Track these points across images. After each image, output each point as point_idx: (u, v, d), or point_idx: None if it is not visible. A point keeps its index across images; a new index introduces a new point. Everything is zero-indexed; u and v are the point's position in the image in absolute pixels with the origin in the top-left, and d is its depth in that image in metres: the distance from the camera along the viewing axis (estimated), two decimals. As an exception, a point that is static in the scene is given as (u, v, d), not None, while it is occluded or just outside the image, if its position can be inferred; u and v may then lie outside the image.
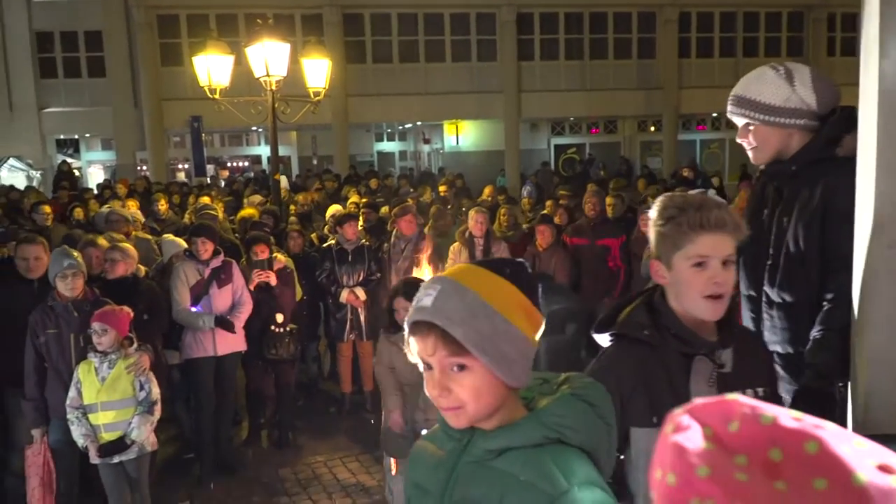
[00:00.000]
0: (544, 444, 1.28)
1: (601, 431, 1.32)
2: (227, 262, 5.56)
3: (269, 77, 8.70)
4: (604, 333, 1.90)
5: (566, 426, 1.28)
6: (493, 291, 1.32)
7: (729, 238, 1.73)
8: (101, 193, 13.28)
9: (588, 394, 1.34)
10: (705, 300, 1.73)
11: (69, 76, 22.36)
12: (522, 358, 1.32)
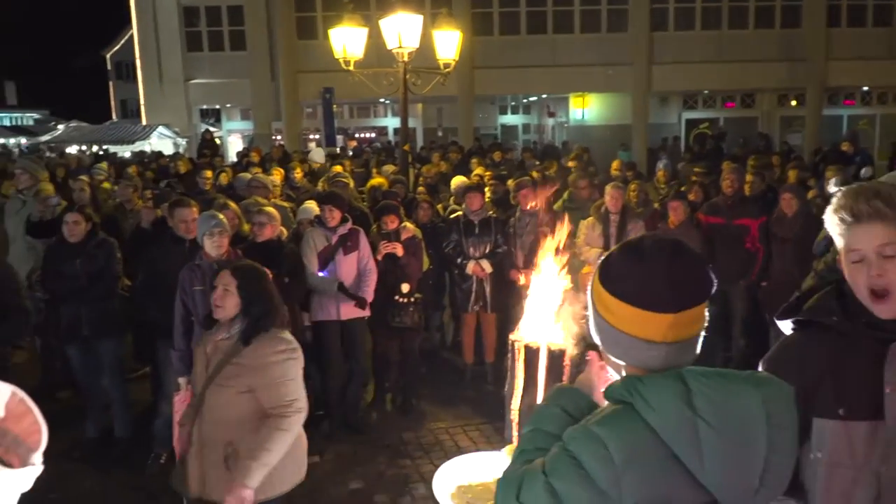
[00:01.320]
0: (621, 401, 1.44)
1: (683, 418, 1.41)
2: (354, 229, 5.72)
3: (402, 49, 8.82)
4: (786, 320, 1.78)
5: (640, 395, 1.42)
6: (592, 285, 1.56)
7: (886, 227, 1.57)
8: (240, 161, 13.96)
9: (694, 381, 1.42)
10: (871, 298, 1.59)
11: (213, 49, 23.56)
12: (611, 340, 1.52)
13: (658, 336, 1.43)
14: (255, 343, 3.23)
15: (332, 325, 5.63)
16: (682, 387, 1.38)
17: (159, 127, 22.82)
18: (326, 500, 4.94)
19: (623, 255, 1.50)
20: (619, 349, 1.50)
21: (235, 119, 26.64)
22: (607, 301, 1.48)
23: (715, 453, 1.35)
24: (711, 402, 1.36)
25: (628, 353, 1.49)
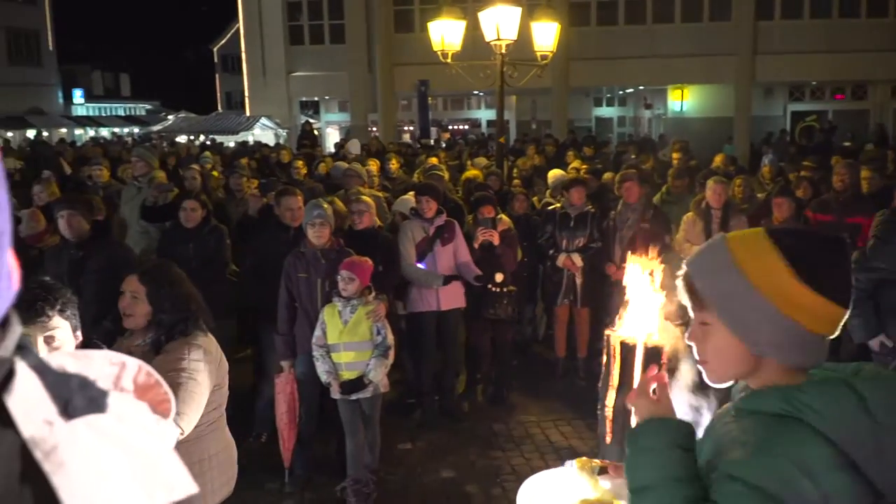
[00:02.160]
0: (783, 415, 1.31)
1: (861, 426, 1.27)
2: (449, 221, 5.78)
3: (500, 41, 8.81)
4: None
5: (809, 407, 1.29)
6: (751, 258, 1.36)
7: None
8: (338, 152, 14.30)
9: (863, 386, 1.31)
10: None
11: (314, 42, 24.21)
12: (771, 329, 1.34)
13: (833, 332, 1.38)
14: (167, 350, 2.93)
15: (429, 316, 5.72)
16: (854, 393, 1.29)
17: (262, 118, 23.64)
18: (418, 487, 5.04)
19: (825, 249, 1.38)
20: (802, 354, 1.38)
21: (333, 111, 27.30)
22: (809, 302, 1.33)
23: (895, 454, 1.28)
24: (886, 406, 1.29)
25: (810, 355, 1.38)
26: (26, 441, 0.62)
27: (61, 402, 0.66)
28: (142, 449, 0.67)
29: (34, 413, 0.64)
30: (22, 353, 0.68)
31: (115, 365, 0.76)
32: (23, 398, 0.64)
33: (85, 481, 0.62)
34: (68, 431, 0.64)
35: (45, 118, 30.99)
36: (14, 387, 0.65)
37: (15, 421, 0.63)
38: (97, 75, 43.09)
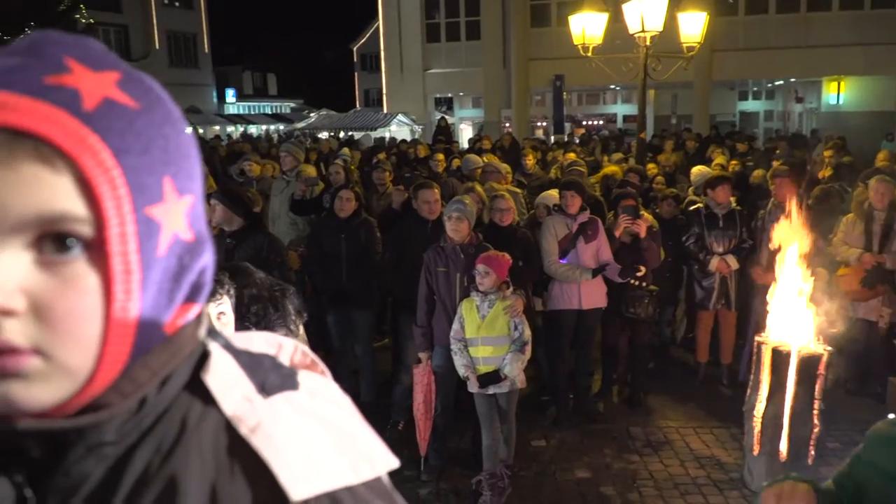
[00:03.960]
0: None
1: None
2: (593, 218, 5.66)
3: (644, 33, 8.55)
4: None
5: None
6: None
7: None
8: (472, 148, 14.39)
9: None
10: None
11: (450, 39, 24.50)
12: None
13: None
14: None
15: (569, 314, 5.63)
16: None
17: (398, 114, 24.20)
18: (552, 485, 4.98)
19: None
20: None
21: (467, 107, 27.52)
22: None
23: None
24: None
25: None
26: (230, 418, 0.65)
27: (258, 380, 0.68)
28: (339, 423, 0.68)
29: (234, 391, 0.66)
30: (212, 334, 0.71)
31: (272, 345, 0.77)
32: (221, 377, 0.67)
33: (294, 455, 0.63)
34: (268, 408, 0.65)
35: (201, 116, 33.17)
36: (211, 367, 0.67)
37: (216, 399, 0.65)
38: (247, 75, 45.74)
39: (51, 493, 0.60)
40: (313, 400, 0.68)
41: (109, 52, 0.63)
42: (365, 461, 0.66)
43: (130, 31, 32.55)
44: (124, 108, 0.58)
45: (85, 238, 0.56)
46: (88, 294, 0.57)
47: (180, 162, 0.62)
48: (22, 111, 0.54)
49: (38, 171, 0.55)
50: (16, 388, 0.56)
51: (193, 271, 0.65)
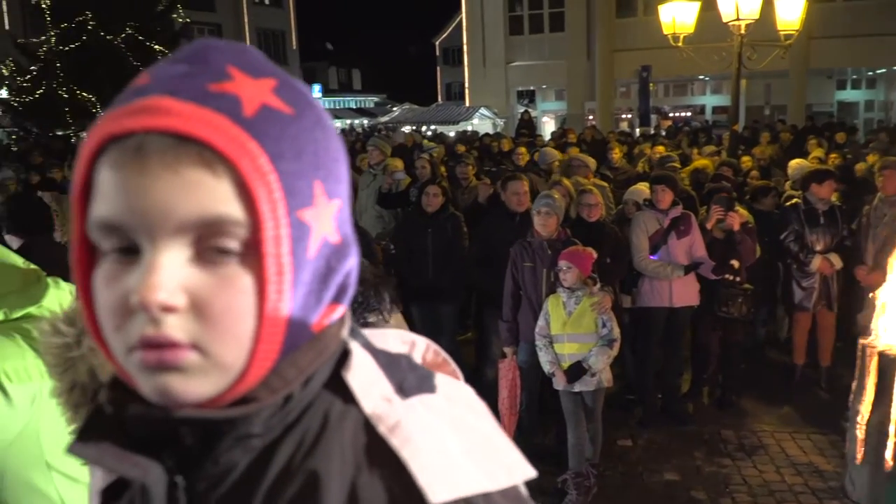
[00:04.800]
0: None
1: None
2: (686, 213, 5.49)
3: (739, 20, 8.23)
4: None
5: None
6: None
7: None
8: (557, 141, 14.24)
9: None
10: None
11: (533, 32, 24.34)
12: None
13: None
14: None
15: (659, 311, 5.49)
16: None
17: (481, 108, 24.20)
18: (640, 486, 4.87)
19: None
20: None
21: (550, 100, 27.28)
22: None
23: None
24: None
25: None
26: (368, 416, 0.66)
27: (396, 380, 0.68)
28: (475, 429, 0.68)
29: (373, 390, 0.67)
30: (353, 332, 0.72)
31: (406, 343, 0.78)
32: (361, 376, 0.68)
33: (432, 457, 0.63)
34: (406, 409, 0.66)
35: (289, 111, 34.07)
36: (352, 365, 0.68)
37: (356, 397, 0.67)
38: (333, 71, 46.71)
39: (199, 480, 0.64)
40: (450, 404, 0.69)
41: (267, 60, 0.65)
42: (502, 469, 0.66)
43: (223, 30, 33.71)
44: (280, 113, 0.61)
45: (242, 239, 0.59)
46: (244, 293, 0.59)
47: (329, 166, 0.64)
48: (187, 117, 0.57)
49: (201, 175, 0.57)
50: (175, 380, 0.59)
51: (340, 273, 0.67)
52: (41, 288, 1.79)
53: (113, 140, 0.58)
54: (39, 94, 18.17)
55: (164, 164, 0.56)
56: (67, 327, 1.14)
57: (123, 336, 0.59)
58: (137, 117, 0.57)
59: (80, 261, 0.63)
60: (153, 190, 0.57)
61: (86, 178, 0.61)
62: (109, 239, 0.60)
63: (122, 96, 0.61)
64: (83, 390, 1.21)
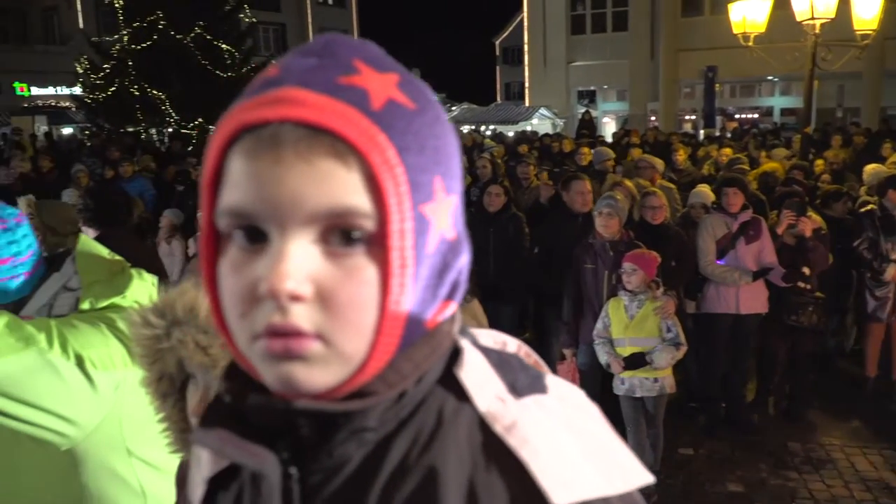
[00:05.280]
0: None
1: None
2: (756, 218, 5.35)
3: (814, 20, 7.97)
4: None
5: None
6: None
7: None
8: (619, 142, 14.05)
9: None
10: None
11: (595, 31, 24.07)
12: None
13: None
14: None
15: (725, 318, 5.36)
16: None
17: (541, 108, 24.07)
18: (702, 496, 4.76)
19: None
20: None
21: (610, 100, 26.93)
22: None
23: None
24: None
25: None
26: (483, 415, 0.65)
27: (508, 380, 0.68)
28: (590, 431, 0.67)
29: (486, 389, 0.67)
30: (461, 331, 0.71)
31: (497, 343, 0.77)
32: (474, 374, 0.68)
33: (551, 459, 0.62)
34: (521, 409, 0.65)
35: (350, 110, 34.55)
36: (464, 363, 0.68)
37: (470, 395, 0.66)
38: (392, 70, 47.06)
39: (313, 472, 0.65)
40: (563, 405, 0.68)
41: (387, 55, 0.66)
42: (619, 473, 0.65)
43: (287, 29, 34.33)
44: (404, 108, 0.61)
45: (367, 232, 0.59)
46: (368, 285, 0.60)
47: (448, 162, 0.64)
48: (321, 108, 0.58)
49: (333, 166, 0.58)
50: (298, 369, 0.59)
51: (454, 270, 0.67)
52: (125, 279, 1.84)
53: (246, 130, 0.59)
54: (112, 91, 18.79)
55: (297, 154, 0.57)
56: (157, 319, 1.17)
57: (249, 324, 0.60)
58: (273, 107, 0.58)
59: (207, 248, 0.64)
60: (287, 179, 0.57)
61: (216, 167, 0.61)
62: (238, 227, 0.60)
63: (251, 87, 0.62)
64: (171, 381, 1.24)
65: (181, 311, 1.14)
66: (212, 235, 0.63)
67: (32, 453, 1.64)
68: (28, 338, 1.54)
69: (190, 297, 1.15)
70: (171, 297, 1.17)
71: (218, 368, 1.10)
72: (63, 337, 1.59)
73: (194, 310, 1.13)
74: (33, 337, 1.54)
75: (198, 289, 1.14)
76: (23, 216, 1.78)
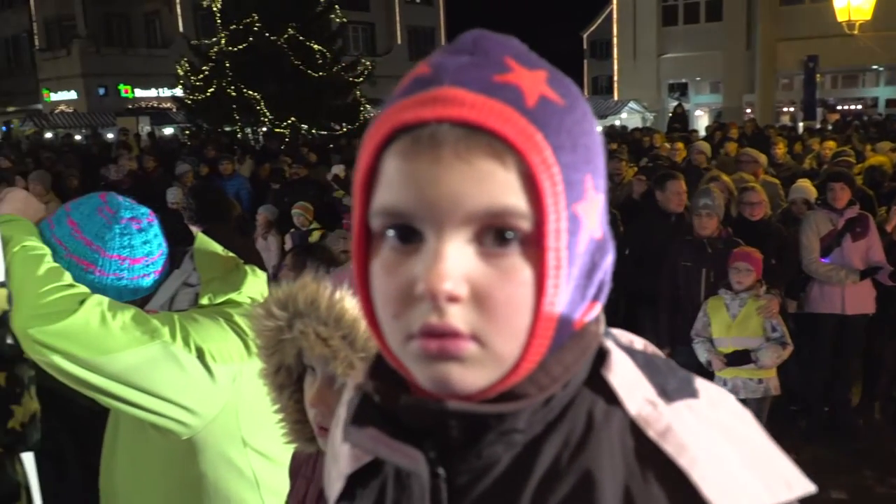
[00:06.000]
0: None
1: None
2: (863, 214, 5.10)
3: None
4: None
5: None
6: None
7: None
8: (712, 136, 13.62)
9: None
10: None
11: (688, 22, 23.43)
12: None
13: None
14: None
15: (830, 318, 5.14)
16: None
17: (630, 102, 23.61)
18: (804, 502, 4.57)
19: None
20: None
21: (703, 92, 26.15)
22: None
23: None
24: None
25: None
26: (634, 418, 0.63)
27: (657, 383, 0.66)
28: (747, 438, 0.65)
29: (636, 391, 0.65)
30: (605, 333, 0.70)
31: (625, 342, 0.74)
32: (622, 376, 0.66)
33: (710, 467, 0.60)
34: (673, 413, 0.63)
35: (433, 107, 34.85)
36: (612, 364, 0.66)
37: (620, 398, 0.64)
38: (479, 66, 47.13)
39: (461, 472, 0.64)
40: (716, 411, 0.65)
41: (532, 51, 0.65)
42: (781, 482, 0.63)
43: (376, 28, 34.86)
44: (556, 105, 0.60)
45: (523, 232, 0.59)
46: (523, 286, 0.59)
47: (596, 159, 0.63)
48: (479, 108, 0.57)
49: (491, 166, 0.57)
50: (454, 370, 0.59)
51: (601, 269, 0.66)
52: (240, 275, 1.92)
53: (402, 130, 0.59)
54: (210, 92, 19.55)
55: (457, 154, 0.57)
56: (280, 311, 1.21)
57: (403, 324, 0.60)
58: (431, 107, 0.57)
59: (358, 248, 0.64)
60: (446, 180, 0.57)
61: (370, 167, 0.61)
62: (391, 226, 0.60)
63: (403, 86, 0.62)
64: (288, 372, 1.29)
65: (303, 304, 1.17)
66: (363, 235, 0.63)
67: (155, 441, 1.73)
68: (153, 331, 1.62)
69: (311, 289, 1.18)
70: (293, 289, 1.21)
71: (338, 360, 1.13)
72: (185, 330, 1.67)
73: (315, 302, 1.16)
74: (158, 330, 1.63)
75: (318, 282, 1.17)
76: (154, 216, 1.87)
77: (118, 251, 1.77)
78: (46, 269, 1.62)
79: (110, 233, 1.76)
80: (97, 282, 1.73)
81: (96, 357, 1.56)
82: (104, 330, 1.57)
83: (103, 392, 1.60)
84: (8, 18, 34.00)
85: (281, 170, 9.44)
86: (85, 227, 1.76)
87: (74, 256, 1.73)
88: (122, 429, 1.80)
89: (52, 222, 1.78)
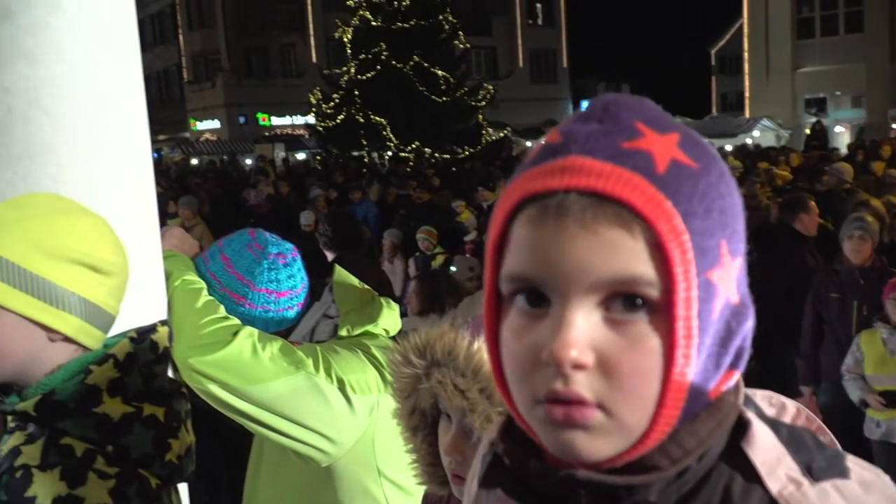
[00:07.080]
0: None
1: None
2: None
3: None
4: None
5: None
6: None
7: None
8: (853, 154, 12.80)
9: None
10: None
11: (825, 35, 22.33)
12: None
13: None
14: None
15: None
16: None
17: (763, 119, 22.62)
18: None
19: None
20: None
21: (844, 107, 24.67)
22: None
23: None
24: None
25: None
26: (775, 497, 0.61)
27: (802, 460, 0.63)
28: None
29: (779, 469, 0.62)
30: (745, 402, 0.68)
31: (774, 406, 0.72)
32: (764, 451, 0.63)
33: None
34: (819, 495, 0.60)
35: (554, 128, 34.72)
36: (753, 438, 0.64)
37: (760, 474, 0.62)
38: (601, 87, 46.66)
39: None
40: (868, 495, 0.61)
41: (666, 113, 0.64)
42: None
43: (498, 52, 35.22)
44: (688, 169, 0.59)
45: (651, 300, 0.58)
46: (652, 355, 0.58)
47: (734, 223, 0.61)
48: (606, 177, 0.57)
49: (618, 235, 0.57)
50: (579, 438, 0.59)
51: (739, 336, 0.63)
52: (376, 307, 1.97)
53: (531, 198, 0.60)
54: (340, 119, 20.38)
55: (582, 223, 0.57)
56: (418, 359, 1.22)
57: (530, 388, 0.60)
58: (559, 177, 0.58)
59: (489, 310, 0.65)
60: (571, 249, 0.57)
61: (501, 233, 0.62)
62: (520, 291, 0.61)
63: (534, 154, 0.63)
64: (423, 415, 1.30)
65: (440, 353, 1.17)
66: (494, 298, 0.64)
67: (296, 467, 1.80)
68: (299, 362, 1.69)
69: (449, 338, 1.18)
70: (432, 337, 1.21)
71: (476, 413, 1.12)
72: (328, 362, 1.73)
73: (453, 352, 1.16)
74: (303, 361, 1.69)
75: (455, 330, 1.17)
76: (297, 251, 1.96)
77: (266, 285, 1.86)
78: (204, 302, 1.72)
79: (259, 268, 1.85)
80: (247, 314, 1.83)
81: (248, 386, 1.64)
82: (255, 360, 1.65)
83: (252, 419, 1.68)
84: (160, 53, 36.90)
85: (408, 195, 9.66)
86: (237, 262, 1.86)
87: (227, 290, 1.83)
88: (266, 454, 1.89)
89: (206, 258, 1.90)
